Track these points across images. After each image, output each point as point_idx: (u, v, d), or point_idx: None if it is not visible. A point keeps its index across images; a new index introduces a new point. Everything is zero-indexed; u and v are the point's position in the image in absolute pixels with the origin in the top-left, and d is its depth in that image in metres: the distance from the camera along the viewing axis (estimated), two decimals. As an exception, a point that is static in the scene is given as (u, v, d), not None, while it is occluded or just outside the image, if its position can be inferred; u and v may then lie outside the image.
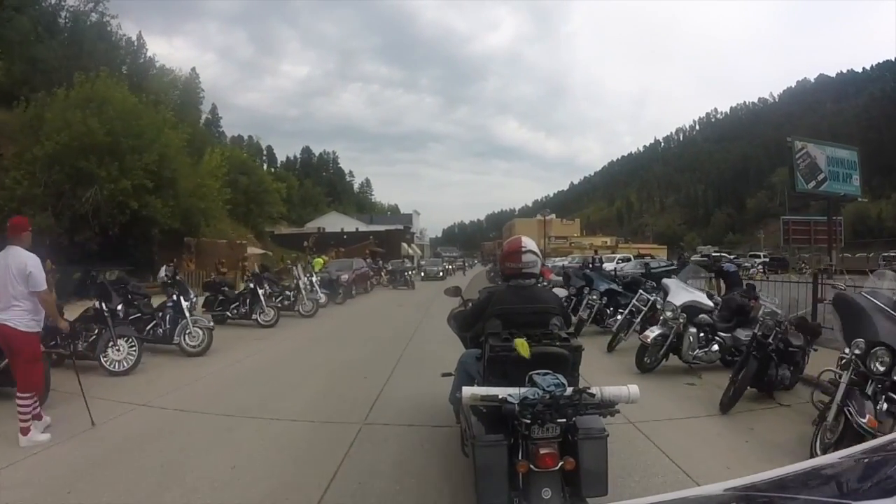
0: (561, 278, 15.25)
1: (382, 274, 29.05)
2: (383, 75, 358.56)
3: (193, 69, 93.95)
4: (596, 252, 25.67)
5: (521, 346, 2.92)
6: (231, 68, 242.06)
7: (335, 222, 61.20)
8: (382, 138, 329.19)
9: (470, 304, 4.24)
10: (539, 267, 3.75)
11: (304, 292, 14.19)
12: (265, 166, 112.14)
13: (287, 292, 14.42)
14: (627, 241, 74.87)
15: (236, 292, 13.35)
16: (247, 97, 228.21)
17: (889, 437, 1.57)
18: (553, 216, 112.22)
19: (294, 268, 15.41)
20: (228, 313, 12.91)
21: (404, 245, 54.13)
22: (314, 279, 16.67)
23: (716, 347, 7.67)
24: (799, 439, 4.58)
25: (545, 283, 13.83)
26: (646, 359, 7.54)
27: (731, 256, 44.77)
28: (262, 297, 12.41)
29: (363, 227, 57.78)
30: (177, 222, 22.94)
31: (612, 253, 56.92)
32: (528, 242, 3.66)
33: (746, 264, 35.10)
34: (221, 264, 22.20)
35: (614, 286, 11.05)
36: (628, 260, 34.01)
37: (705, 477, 3.79)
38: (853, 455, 1.31)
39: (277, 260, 34.29)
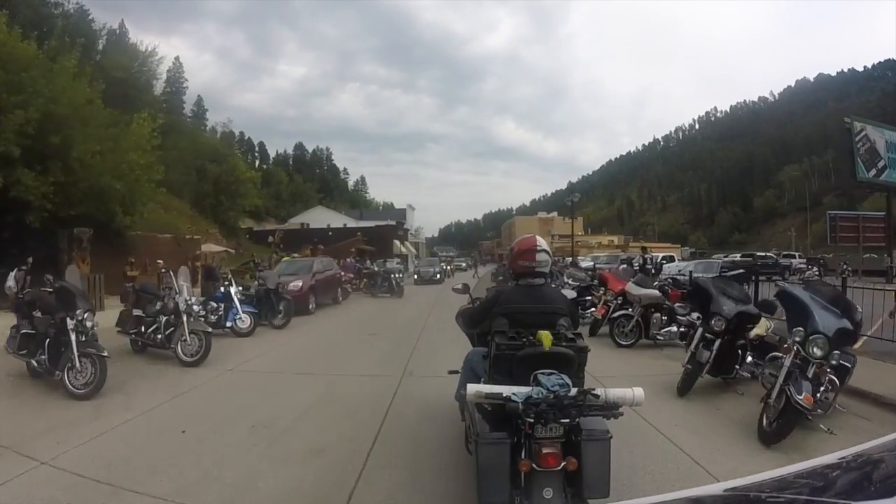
0: (660, 296, 8.87)
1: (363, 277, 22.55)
2: (381, 76, 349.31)
3: (177, 58, 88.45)
4: (645, 251, 19.21)
5: (545, 337, 2.89)
6: (229, 69, 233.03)
7: (321, 217, 54.35)
8: (381, 139, 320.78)
9: (478, 302, 4.01)
10: (549, 266, 3.61)
11: (185, 319, 7.65)
12: (257, 163, 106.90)
13: (163, 317, 7.94)
14: (639, 240, 68.26)
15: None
16: (245, 97, 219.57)
17: (889, 437, 1.40)
18: (555, 213, 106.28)
19: (169, 275, 8.59)
20: (35, 362, 6.55)
21: (396, 243, 47.32)
22: (234, 291, 10.26)
23: None
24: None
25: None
26: None
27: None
28: (72, 339, 5.96)
29: (352, 224, 51.15)
30: (82, 206, 16.46)
31: (623, 252, 50.79)
32: (542, 242, 3.52)
33: (801, 265, 28.90)
34: (130, 265, 15.73)
35: (846, 323, 4.63)
36: (671, 259, 27.80)
37: None
38: (853, 455, 1.28)
39: (249, 258, 27.96)
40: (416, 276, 28.66)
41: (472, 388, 2.75)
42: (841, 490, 1.11)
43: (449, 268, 39.18)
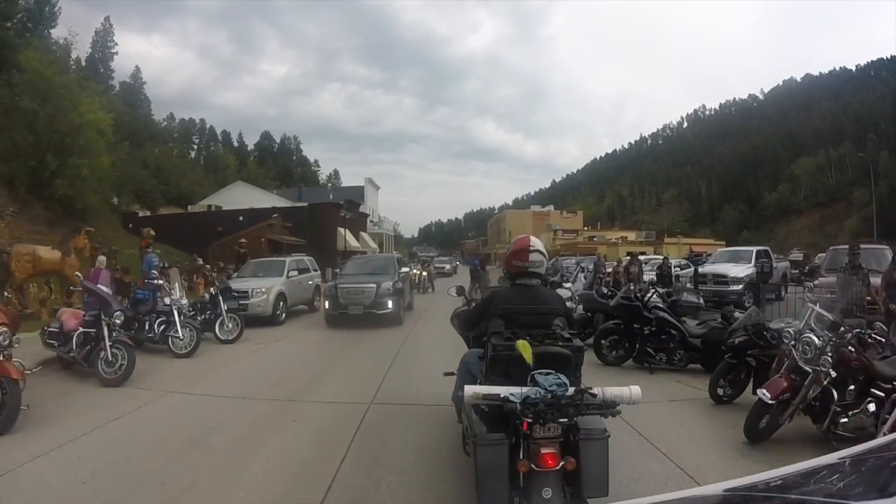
0: None
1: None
2: (363, 76, 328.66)
3: (107, 19, 70.96)
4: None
5: (524, 348, 2.69)
6: (210, 67, 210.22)
7: (242, 198, 36.81)
8: (362, 139, 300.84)
9: (473, 304, 3.98)
10: (545, 267, 3.48)
11: None
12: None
13: None
14: (676, 235, 52.36)
15: None
16: (226, 96, 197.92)
17: (889, 437, 1.39)
18: (552, 207, 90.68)
19: None
20: None
21: (343, 232, 29.39)
22: None
23: None
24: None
25: None
26: None
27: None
28: None
29: (285, 205, 34.19)
30: None
31: (655, 253, 35.41)
32: (536, 242, 3.37)
33: None
34: None
35: None
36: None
37: None
38: (853, 455, 1.22)
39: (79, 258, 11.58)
40: (327, 304, 11.75)
41: (469, 389, 2.63)
42: (841, 490, 1.06)
43: (425, 274, 22.41)
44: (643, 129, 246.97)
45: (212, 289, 9.37)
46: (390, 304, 11.28)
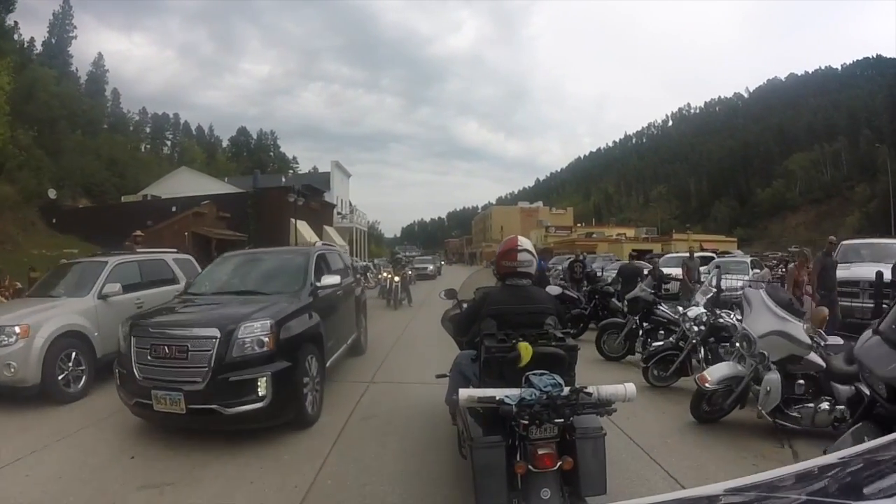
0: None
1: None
2: (345, 75, 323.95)
3: (66, 1, 65.00)
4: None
5: (525, 349, 2.61)
6: (191, 66, 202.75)
7: (188, 186, 30.86)
8: (344, 138, 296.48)
9: (465, 306, 3.77)
10: (534, 266, 3.29)
11: None
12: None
13: None
14: (686, 231, 47.81)
15: None
16: (207, 95, 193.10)
17: (889, 437, 1.32)
18: (540, 204, 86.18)
19: None
20: None
21: (295, 224, 22.39)
22: None
23: None
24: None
25: None
26: None
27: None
28: None
29: (229, 191, 28.66)
30: None
31: (663, 251, 31.20)
32: (524, 242, 3.27)
33: None
34: None
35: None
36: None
37: None
38: (853, 455, 1.20)
39: None
40: (118, 378, 4.51)
41: (464, 392, 2.50)
42: (841, 490, 1.06)
43: (397, 280, 15.39)
44: (627, 128, 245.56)
45: None
46: (262, 385, 4.12)
